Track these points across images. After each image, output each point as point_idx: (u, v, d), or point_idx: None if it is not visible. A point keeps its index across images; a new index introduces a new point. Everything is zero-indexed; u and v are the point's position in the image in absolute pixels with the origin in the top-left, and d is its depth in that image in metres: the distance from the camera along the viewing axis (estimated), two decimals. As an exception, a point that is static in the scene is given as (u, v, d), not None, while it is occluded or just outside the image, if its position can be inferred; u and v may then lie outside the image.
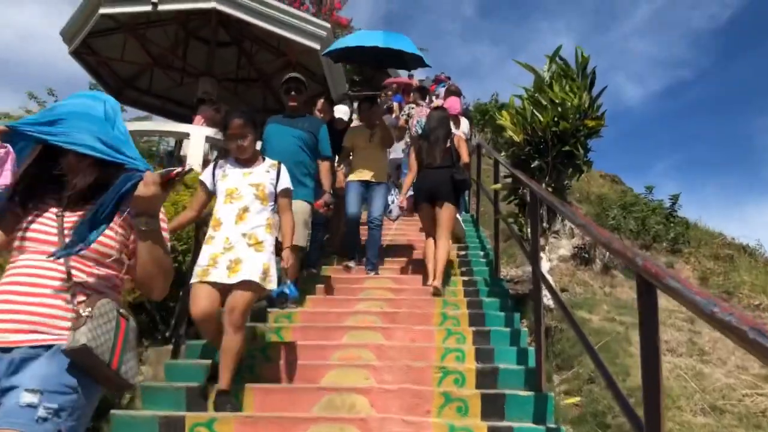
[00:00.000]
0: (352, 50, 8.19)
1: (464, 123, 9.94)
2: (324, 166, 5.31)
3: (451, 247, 6.33)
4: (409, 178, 6.29)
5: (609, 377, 2.67)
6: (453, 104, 9.76)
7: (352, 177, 6.36)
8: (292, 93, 5.26)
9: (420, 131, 8.96)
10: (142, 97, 12.58)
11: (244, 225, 3.70)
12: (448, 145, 5.87)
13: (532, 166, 5.00)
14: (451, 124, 8.13)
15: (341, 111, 8.52)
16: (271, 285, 3.68)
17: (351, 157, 6.61)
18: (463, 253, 7.39)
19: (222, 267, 3.56)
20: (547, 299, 4.90)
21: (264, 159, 4.05)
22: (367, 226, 6.31)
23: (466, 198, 11.50)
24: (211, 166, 4.12)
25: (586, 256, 6.84)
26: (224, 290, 3.59)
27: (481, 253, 7.42)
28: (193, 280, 3.65)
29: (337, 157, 6.73)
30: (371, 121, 6.39)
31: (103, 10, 9.65)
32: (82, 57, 11.09)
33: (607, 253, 6.88)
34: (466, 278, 6.29)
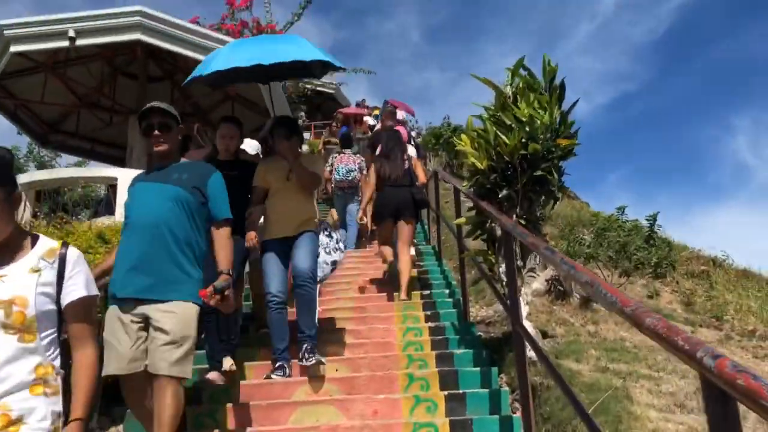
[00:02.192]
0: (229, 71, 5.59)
1: (410, 149, 9.37)
2: (220, 235, 3.40)
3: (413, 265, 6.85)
4: (368, 194, 6.47)
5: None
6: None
7: (268, 234, 4.51)
8: (155, 132, 3.30)
9: (338, 178, 9.04)
10: (69, 141, 11.64)
11: None
12: (407, 166, 6.36)
13: (500, 196, 4.30)
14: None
15: (250, 146, 6.13)
16: None
17: (266, 205, 4.65)
18: (427, 292, 6.65)
19: None
20: (529, 350, 4.18)
21: (35, 241, 2.02)
22: (294, 286, 4.40)
23: (426, 226, 10.84)
24: None
25: (561, 289, 6.17)
26: None
27: (447, 291, 6.68)
28: None
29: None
30: (285, 156, 4.49)
31: (14, 48, 8.75)
32: (-3, 101, 10.13)
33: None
34: (432, 324, 5.54)
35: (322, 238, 4.88)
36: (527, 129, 4.22)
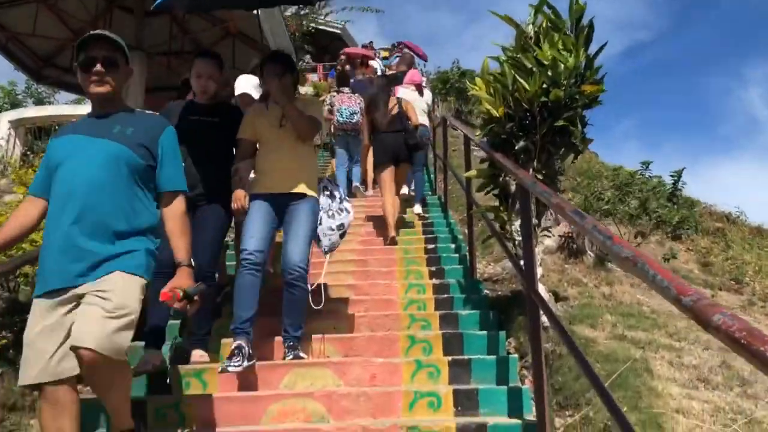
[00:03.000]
0: None
1: (427, 94, 8.94)
2: (173, 213, 2.65)
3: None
4: (366, 147, 6.93)
5: None
6: (413, 76, 8.85)
7: (255, 188, 3.84)
8: (95, 68, 2.52)
9: (341, 120, 8.65)
10: (64, 77, 11.09)
11: None
12: (397, 111, 6.51)
13: (517, 147, 3.91)
14: (412, 92, 7.98)
15: (246, 84, 5.87)
16: None
17: (255, 157, 4.00)
18: (431, 246, 6.33)
19: None
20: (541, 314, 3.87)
21: None
22: (283, 279, 3.70)
23: (432, 175, 10.45)
24: None
25: (575, 246, 5.84)
26: None
27: (452, 246, 6.36)
28: None
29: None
30: (276, 96, 3.78)
31: (2, -25, 8.23)
32: (-14, 32, 9.65)
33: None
34: (436, 281, 5.23)
35: (323, 200, 4.04)
36: (549, 73, 3.81)
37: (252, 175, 4.02)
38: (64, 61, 10.94)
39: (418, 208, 7.69)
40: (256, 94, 5.54)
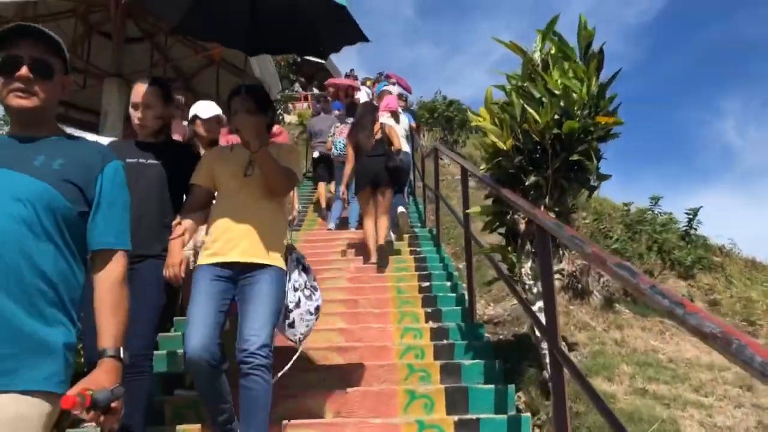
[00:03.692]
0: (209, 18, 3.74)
1: (404, 119, 8.73)
2: (108, 281, 1.81)
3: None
4: (348, 168, 6.65)
5: None
6: (389, 103, 8.69)
7: (205, 255, 2.96)
8: (20, 72, 1.76)
9: (335, 153, 8.78)
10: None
11: None
12: (380, 136, 6.48)
13: (527, 183, 3.58)
14: (388, 118, 7.74)
15: (206, 109, 4.67)
16: None
17: (210, 212, 3.13)
18: (426, 284, 5.94)
19: None
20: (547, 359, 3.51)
21: None
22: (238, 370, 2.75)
23: (421, 207, 10.13)
24: None
25: (580, 286, 5.49)
26: None
27: (448, 284, 5.96)
28: None
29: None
30: (246, 138, 2.90)
31: (-26, 0, 7.86)
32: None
33: (606, 279, 5.56)
34: (433, 325, 4.84)
35: (296, 275, 3.13)
36: (562, 103, 3.49)
37: (201, 236, 3.29)
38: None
39: (402, 209, 7.36)
40: (204, 115, 4.60)
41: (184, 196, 3.16)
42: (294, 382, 3.66)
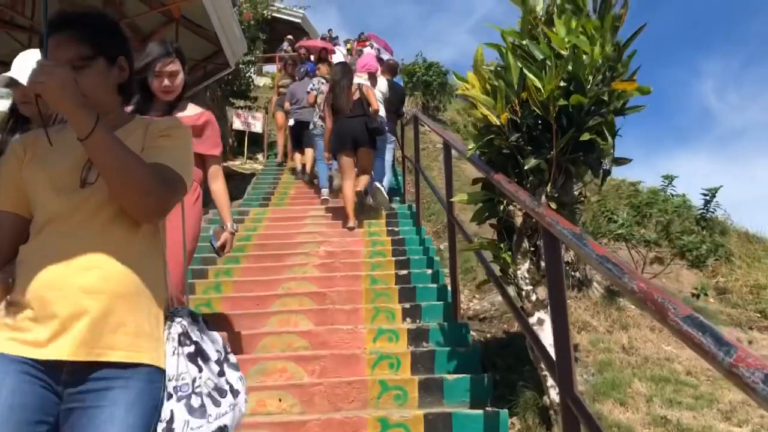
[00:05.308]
0: None
1: (381, 82, 8.03)
2: None
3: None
4: (328, 130, 6.65)
5: None
6: (368, 61, 8.04)
7: (4, 339, 1.43)
8: None
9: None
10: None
11: None
12: (357, 96, 6.48)
13: (526, 167, 2.88)
14: (365, 80, 7.34)
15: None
16: None
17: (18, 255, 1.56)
18: (404, 272, 5.27)
19: None
20: (555, 392, 2.88)
21: None
22: None
23: (401, 177, 9.42)
24: None
25: (577, 275, 4.86)
26: None
27: (429, 272, 5.28)
28: None
29: None
30: (59, 108, 1.38)
31: None
32: None
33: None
34: (412, 325, 4.18)
35: (181, 364, 1.55)
36: (569, 67, 2.78)
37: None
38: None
39: (379, 185, 7.00)
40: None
41: None
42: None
